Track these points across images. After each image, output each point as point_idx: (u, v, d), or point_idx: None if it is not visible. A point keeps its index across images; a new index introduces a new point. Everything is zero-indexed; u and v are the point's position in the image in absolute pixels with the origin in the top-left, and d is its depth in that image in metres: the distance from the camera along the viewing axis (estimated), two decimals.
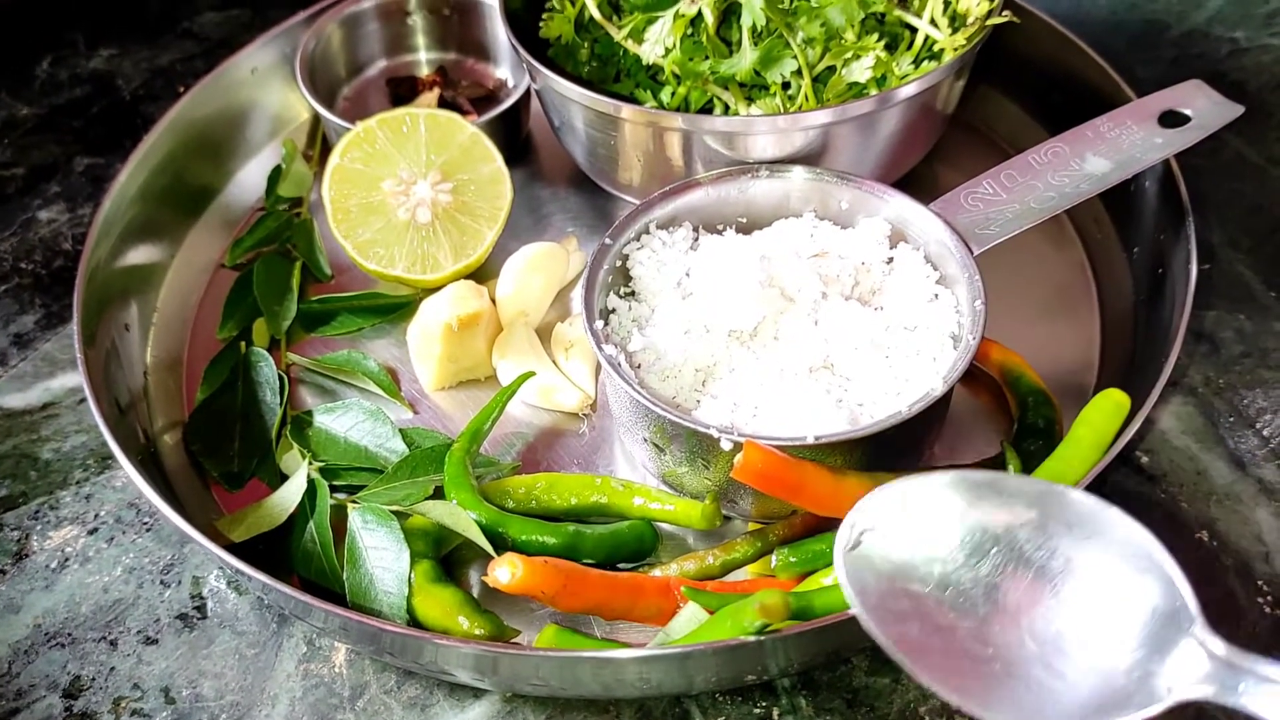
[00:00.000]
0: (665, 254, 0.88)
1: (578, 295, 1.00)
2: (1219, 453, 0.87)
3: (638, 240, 0.88)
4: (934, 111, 0.98)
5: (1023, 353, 0.89)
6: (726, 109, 0.96)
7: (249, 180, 1.11)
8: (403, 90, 1.16)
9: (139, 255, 1.01)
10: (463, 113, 1.13)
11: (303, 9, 1.15)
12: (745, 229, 0.91)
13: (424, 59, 1.19)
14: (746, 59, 0.93)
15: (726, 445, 0.74)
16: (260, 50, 1.12)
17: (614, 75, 1.01)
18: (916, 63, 0.96)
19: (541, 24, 1.01)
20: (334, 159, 0.98)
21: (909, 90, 0.90)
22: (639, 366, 0.82)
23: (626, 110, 0.93)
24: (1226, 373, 0.92)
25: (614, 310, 0.86)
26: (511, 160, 1.02)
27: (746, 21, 0.93)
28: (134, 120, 1.22)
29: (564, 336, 0.94)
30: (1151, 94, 0.91)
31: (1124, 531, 0.60)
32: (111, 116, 1.23)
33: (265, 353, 0.93)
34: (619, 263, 0.87)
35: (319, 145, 1.13)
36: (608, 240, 0.86)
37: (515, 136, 1.11)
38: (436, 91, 1.14)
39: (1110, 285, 0.97)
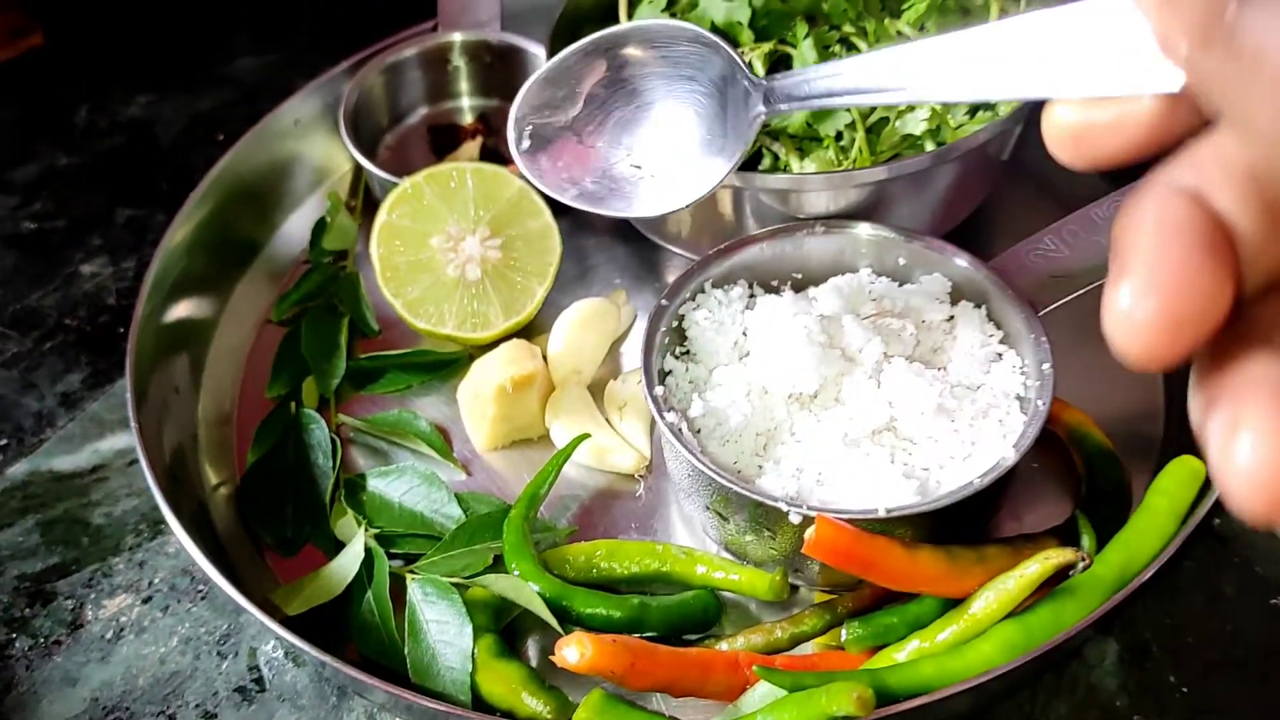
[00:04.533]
0: (722, 313, 0.86)
1: (629, 351, 0.99)
2: None
3: (693, 300, 0.87)
4: (990, 161, 0.97)
5: (1082, 403, 0.88)
6: (776, 159, 0.95)
7: (293, 232, 1.11)
8: (444, 139, 1.15)
9: (188, 312, 1.00)
10: (505, 161, 1.12)
11: (341, 55, 1.15)
12: (800, 285, 0.90)
13: (466, 105, 1.19)
14: (799, 112, 0.92)
15: (795, 519, 0.73)
16: (303, 101, 1.12)
17: None
18: (971, 112, 0.94)
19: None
20: (381, 215, 0.97)
21: (966, 145, 0.89)
22: (699, 432, 0.81)
23: None
24: None
25: (670, 372, 0.85)
26: (556, 210, 1.01)
27: None
28: (174, 169, 1.22)
29: (617, 395, 0.93)
30: None
31: (693, 39, 0.76)
32: (151, 165, 1.23)
33: (316, 415, 0.92)
34: (675, 323, 0.86)
35: (361, 196, 1.13)
36: (664, 301, 0.85)
37: None
38: (479, 140, 1.13)
39: None
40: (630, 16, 1.00)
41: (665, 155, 0.78)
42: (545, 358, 0.94)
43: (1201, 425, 0.33)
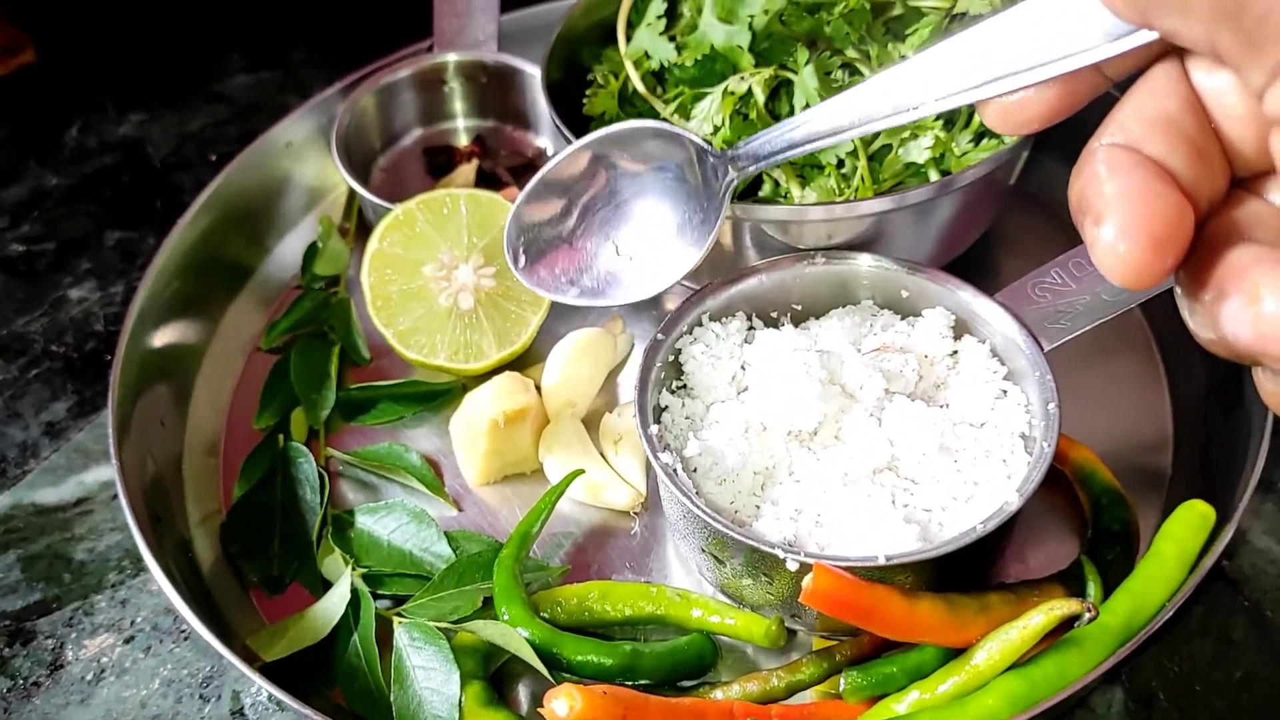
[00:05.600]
0: (719, 347, 0.84)
1: (626, 382, 0.97)
2: None
3: (690, 333, 0.85)
4: (995, 189, 0.95)
5: (1089, 439, 0.86)
6: (777, 185, 0.93)
7: (285, 256, 1.09)
8: (440, 160, 1.13)
9: (175, 338, 0.98)
10: (501, 184, 1.10)
11: (336, 73, 1.13)
12: (800, 316, 0.88)
13: (461, 126, 1.17)
14: None
15: (792, 566, 0.71)
16: (295, 123, 1.10)
17: None
18: (976, 139, 0.92)
19: (585, 102, 0.98)
20: (373, 243, 0.95)
21: (970, 175, 0.87)
22: (695, 471, 0.78)
23: None
24: None
25: (666, 408, 0.82)
26: None
27: (800, 101, 0.90)
28: (165, 190, 1.20)
29: (613, 428, 0.91)
30: None
31: (656, 134, 0.81)
32: (142, 186, 1.21)
33: (304, 448, 0.90)
34: (671, 357, 0.84)
35: (355, 218, 1.11)
36: (660, 335, 0.83)
37: None
38: (475, 163, 1.11)
39: (1180, 369, 0.93)
40: (629, 40, 0.98)
41: (650, 241, 0.82)
42: (539, 388, 0.92)
43: (1215, 321, 0.39)
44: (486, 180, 1.11)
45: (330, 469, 0.92)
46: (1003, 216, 1.00)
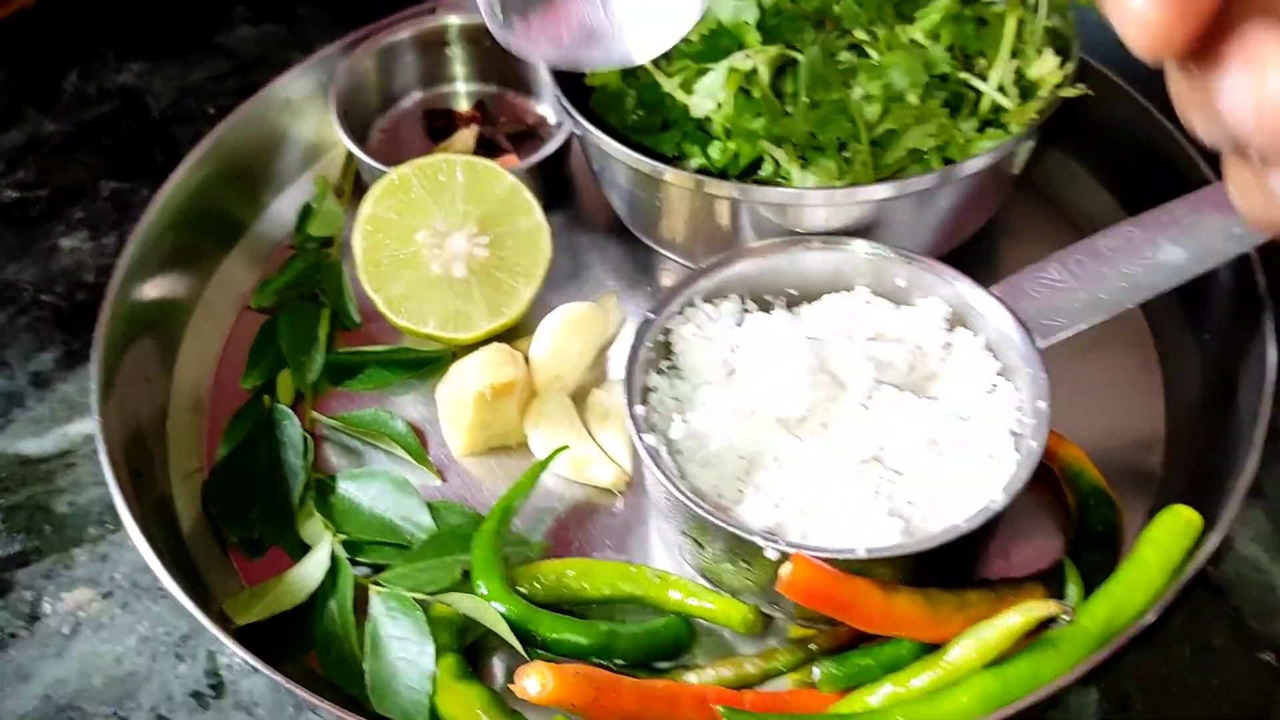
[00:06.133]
0: (710, 329, 0.83)
1: (615, 359, 0.96)
2: None
3: (682, 314, 0.84)
4: (999, 180, 0.93)
5: (1079, 436, 0.85)
6: (778, 165, 0.92)
7: (281, 213, 1.08)
8: (440, 124, 1.12)
9: (165, 292, 0.97)
10: (501, 151, 1.09)
11: (343, 29, 1.11)
12: (795, 301, 0.87)
13: (462, 90, 1.15)
14: (802, 121, 0.88)
15: (772, 555, 0.70)
16: (295, 80, 1.08)
17: (660, 124, 0.97)
18: (981, 128, 0.91)
19: (587, 72, 0.96)
20: (366, 207, 0.94)
21: (974, 165, 0.86)
22: (680, 453, 0.78)
23: (670, 174, 0.89)
24: None
25: (654, 389, 0.82)
26: (551, 204, 0.98)
27: (805, 82, 0.88)
28: (162, 142, 1.18)
29: (600, 405, 0.90)
30: None
31: None
32: (139, 137, 1.19)
33: (290, 411, 0.90)
34: (661, 337, 0.83)
35: (351, 178, 1.09)
36: (651, 315, 0.82)
37: (557, 179, 1.07)
38: (475, 129, 1.10)
39: (1177, 368, 0.92)
40: None
41: None
42: (528, 359, 0.91)
43: (1211, 94, 0.38)
44: (486, 146, 1.10)
45: (315, 433, 0.91)
46: (1005, 207, 0.99)
